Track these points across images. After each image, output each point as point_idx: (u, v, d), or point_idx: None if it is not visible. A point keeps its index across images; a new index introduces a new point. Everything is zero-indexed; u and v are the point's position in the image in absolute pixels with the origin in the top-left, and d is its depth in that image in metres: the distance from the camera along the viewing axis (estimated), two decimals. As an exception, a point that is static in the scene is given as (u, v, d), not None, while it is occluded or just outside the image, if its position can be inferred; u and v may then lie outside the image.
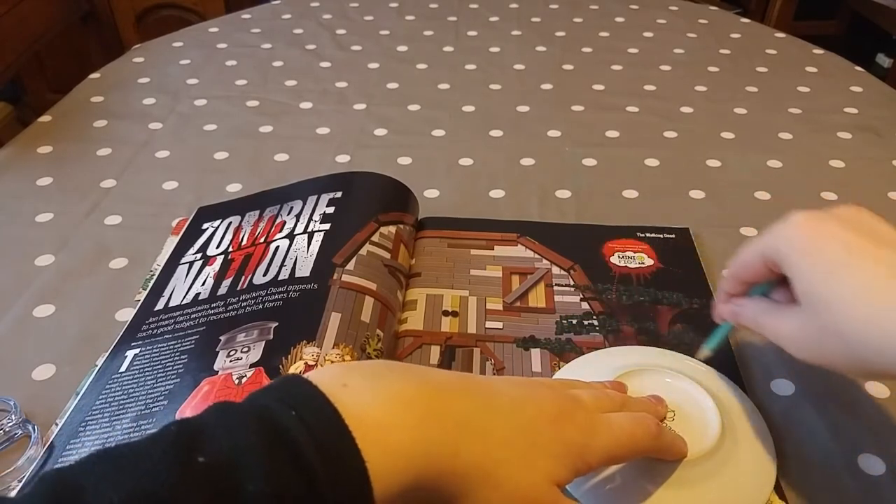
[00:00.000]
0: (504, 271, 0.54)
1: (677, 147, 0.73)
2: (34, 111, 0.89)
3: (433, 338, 0.48)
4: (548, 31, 1.00)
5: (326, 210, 0.54)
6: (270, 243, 0.52)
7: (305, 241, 0.51)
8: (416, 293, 0.52)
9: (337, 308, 0.44)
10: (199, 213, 0.60)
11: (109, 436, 0.40)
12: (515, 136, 0.75)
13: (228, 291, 0.49)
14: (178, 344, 0.45)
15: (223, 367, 0.42)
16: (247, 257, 0.52)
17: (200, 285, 0.50)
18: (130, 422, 0.40)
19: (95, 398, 0.43)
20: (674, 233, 0.58)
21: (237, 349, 0.43)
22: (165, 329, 0.47)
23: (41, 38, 1.11)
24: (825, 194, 0.65)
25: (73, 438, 0.40)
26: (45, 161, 0.70)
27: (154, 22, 1.84)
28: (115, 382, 0.44)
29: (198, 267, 0.53)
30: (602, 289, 0.52)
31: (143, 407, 0.41)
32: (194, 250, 0.55)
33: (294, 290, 0.46)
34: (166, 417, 0.39)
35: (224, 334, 0.44)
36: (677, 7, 1.08)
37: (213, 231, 0.57)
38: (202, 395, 0.40)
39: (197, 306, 0.48)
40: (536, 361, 0.46)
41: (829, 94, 0.83)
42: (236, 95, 0.83)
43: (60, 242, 0.59)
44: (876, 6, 2.18)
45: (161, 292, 0.51)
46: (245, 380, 0.40)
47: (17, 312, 0.52)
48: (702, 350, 0.44)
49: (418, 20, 1.03)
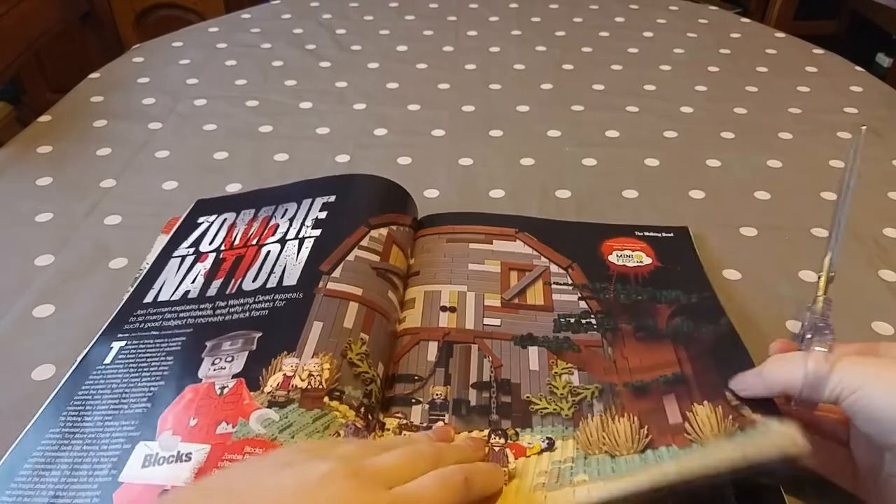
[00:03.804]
0: (503, 267, 0.53)
1: (677, 147, 0.73)
2: (34, 111, 0.89)
3: (431, 333, 0.48)
4: (548, 31, 1.00)
5: (319, 215, 0.54)
6: (262, 247, 0.53)
7: (296, 247, 0.52)
8: (415, 291, 0.52)
9: (319, 317, 0.45)
10: (196, 206, 0.60)
11: (79, 428, 0.40)
12: (515, 136, 0.75)
13: (217, 294, 0.49)
14: (165, 343, 0.45)
15: (207, 376, 0.42)
16: (238, 259, 0.52)
17: (190, 283, 0.51)
18: (104, 415, 0.40)
19: (79, 387, 0.43)
20: (672, 232, 0.58)
21: (221, 357, 0.43)
22: (153, 325, 0.47)
23: (41, 38, 1.11)
24: (825, 194, 0.65)
25: (52, 428, 0.40)
26: (45, 161, 0.70)
27: (154, 22, 1.84)
28: (100, 374, 0.44)
29: (189, 262, 0.53)
30: (600, 287, 0.52)
31: (125, 406, 0.41)
32: (187, 244, 0.55)
33: (280, 299, 0.47)
34: (148, 421, 0.39)
35: (210, 340, 0.45)
36: (677, 7, 1.08)
37: (208, 226, 0.57)
38: (185, 403, 0.40)
39: (186, 305, 0.48)
40: (534, 360, 0.46)
41: (829, 94, 0.83)
42: (236, 95, 0.83)
43: (60, 242, 0.59)
44: (876, 6, 2.19)
45: (151, 284, 0.51)
46: (226, 390, 0.40)
47: (17, 312, 0.52)
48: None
49: (418, 20, 1.03)
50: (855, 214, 0.63)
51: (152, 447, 0.38)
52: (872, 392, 0.33)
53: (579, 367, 0.45)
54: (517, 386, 0.44)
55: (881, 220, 0.62)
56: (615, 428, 0.40)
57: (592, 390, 0.43)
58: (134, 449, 0.38)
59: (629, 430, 0.39)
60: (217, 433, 0.38)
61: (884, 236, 0.60)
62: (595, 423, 0.41)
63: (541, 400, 0.43)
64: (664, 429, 0.39)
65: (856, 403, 0.33)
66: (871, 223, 0.61)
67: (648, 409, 0.41)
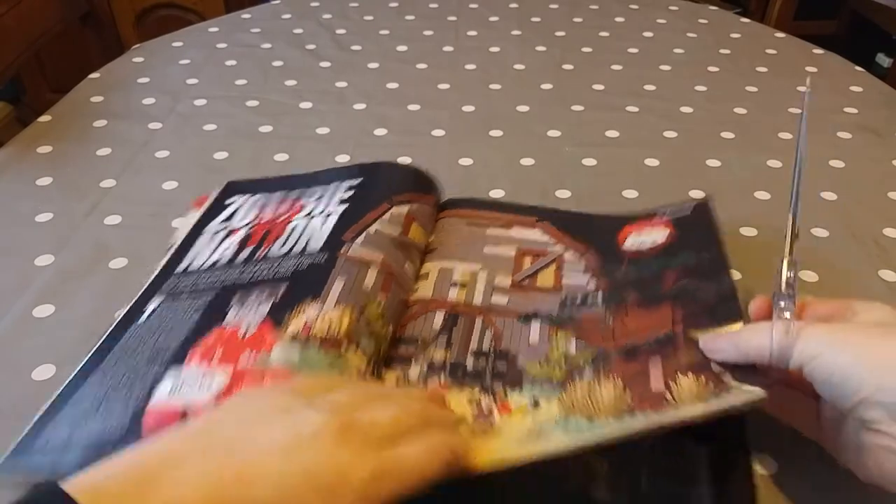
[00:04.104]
0: (517, 252, 0.54)
1: (677, 147, 0.73)
2: (34, 111, 0.89)
3: (439, 305, 0.49)
4: (548, 31, 1.00)
5: (345, 195, 0.57)
6: (290, 222, 0.55)
7: (321, 220, 0.54)
8: (430, 266, 0.53)
9: (342, 274, 0.47)
10: (227, 188, 0.62)
11: (116, 372, 0.43)
12: (515, 136, 0.75)
13: (245, 260, 0.52)
14: (196, 300, 0.48)
15: (232, 322, 0.44)
16: (266, 233, 0.55)
17: (221, 253, 0.53)
18: (138, 362, 0.43)
19: (116, 342, 0.45)
20: (693, 206, 0.55)
21: (247, 307, 0.46)
22: (184, 289, 0.50)
23: (41, 38, 1.11)
24: (825, 194, 0.65)
25: (93, 374, 0.43)
26: (45, 161, 0.70)
27: (154, 22, 1.84)
28: (134, 331, 0.46)
29: (220, 237, 0.55)
30: (611, 269, 0.51)
31: (157, 352, 0.43)
32: (219, 221, 0.57)
33: (304, 261, 0.49)
34: (177, 359, 0.42)
35: (237, 294, 0.47)
36: (677, 7, 1.08)
37: (239, 206, 0.59)
38: (211, 342, 0.43)
39: (215, 271, 0.51)
40: (535, 333, 0.46)
41: (829, 94, 0.83)
42: (236, 95, 0.83)
43: (60, 242, 0.59)
44: (876, 6, 2.19)
45: (183, 256, 0.54)
46: (250, 333, 0.43)
47: (17, 312, 0.52)
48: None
49: (418, 20, 1.03)
50: (855, 214, 0.63)
51: (178, 377, 0.41)
52: (831, 359, 0.34)
53: (577, 337, 0.45)
54: (514, 356, 0.44)
55: (881, 220, 0.62)
56: (600, 392, 0.40)
57: (587, 356, 0.43)
58: (163, 381, 0.41)
59: (612, 394, 0.39)
60: (239, 363, 0.41)
61: (884, 236, 0.60)
62: (582, 386, 0.41)
63: (534, 366, 0.43)
64: (645, 395, 0.38)
65: (815, 370, 0.34)
66: (871, 223, 0.61)
67: (634, 373, 0.40)
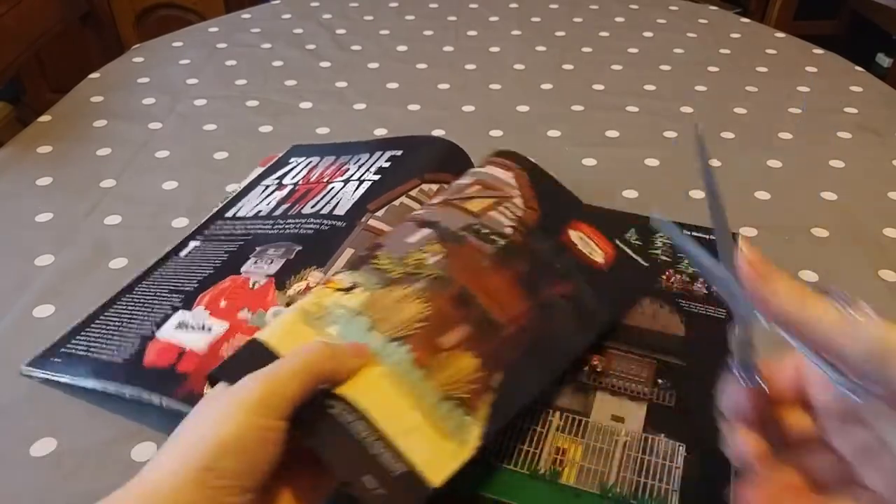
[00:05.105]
0: (473, 180, 0.52)
1: (677, 147, 0.73)
2: (34, 111, 0.89)
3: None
4: (548, 31, 1.00)
5: (384, 164, 0.59)
6: (329, 183, 0.58)
7: (355, 186, 0.57)
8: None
9: (353, 245, 0.49)
10: (291, 150, 0.68)
11: (145, 296, 0.50)
12: (515, 136, 0.74)
13: (281, 214, 0.56)
14: (227, 245, 0.53)
15: (247, 271, 0.49)
16: (307, 191, 0.59)
17: (265, 205, 0.58)
18: (165, 290, 0.50)
19: (155, 270, 0.53)
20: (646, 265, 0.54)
21: (264, 260, 0.50)
22: (224, 233, 0.55)
23: (41, 38, 1.11)
24: (825, 194, 0.65)
25: (128, 293, 0.51)
26: (45, 161, 0.70)
27: (154, 22, 1.84)
28: (173, 263, 0.53)
29: (270, 190, 0.60)
30: (536, 235, 0.49)
31: (181, 284, 0.49)
32: (274, 177, 0.63)
33: (326, 224, 0.52)
34: (191, 297, 0.48)
35: (260, 246, 0.52)
36: (677, 7, 1.08)
37: (294, 166, 0.64)
38: (222, 288, 0.48)
39: (254, 221, 0.56)
40: (417, 236, 0.46)
41: (829, 94, 0.84)
42: (236, 95, 0.83)
43: (60, 242, 0.59)
44: (876, 6, 2.19)
45: (236, 203, 0.60)
46: (258, 286, 0.47)
47: (17, 312, 0.52)
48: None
49: (418, 20, 1.03)
50: (855, 214, 0.63)
51: (186, 316, 0.46)
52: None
53: (445, 255, 0.44)
54: (380, 245, 0.45)
55: (881, 220, 0.62)
56: (401, 308, 0.40)
57: (431, 273, 0.42)
58: (174, 315, 0.46)
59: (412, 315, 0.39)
60: (238, 317, 0.45)
61: (884, 236, 0.60)
62: (395, 294, 0.41)
63: (386, 258, 0.43)
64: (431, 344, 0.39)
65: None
66: (871, 223, 0.62)
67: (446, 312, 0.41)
